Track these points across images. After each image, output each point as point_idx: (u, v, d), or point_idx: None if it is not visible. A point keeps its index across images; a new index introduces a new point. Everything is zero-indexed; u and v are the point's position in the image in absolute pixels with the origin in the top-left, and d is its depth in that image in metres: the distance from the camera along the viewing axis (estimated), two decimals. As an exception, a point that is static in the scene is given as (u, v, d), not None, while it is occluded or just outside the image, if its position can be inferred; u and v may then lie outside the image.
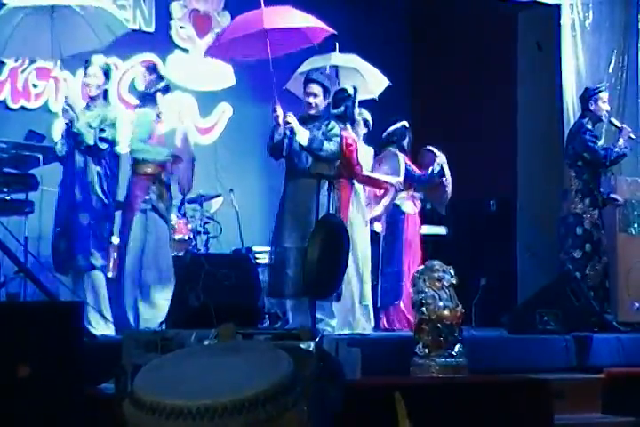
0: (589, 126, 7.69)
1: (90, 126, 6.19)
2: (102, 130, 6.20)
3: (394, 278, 7.45)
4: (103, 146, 6.21)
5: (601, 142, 7.91)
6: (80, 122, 6.20)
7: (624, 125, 7.78)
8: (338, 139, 6.32)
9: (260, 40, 6.51)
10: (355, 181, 6.71)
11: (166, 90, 6.71)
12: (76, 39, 6.33)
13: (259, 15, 6.55)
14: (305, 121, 6.39)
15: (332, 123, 6.38)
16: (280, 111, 6.28)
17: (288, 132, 6.31)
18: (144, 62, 7.65)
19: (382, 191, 7.32)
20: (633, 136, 7.73)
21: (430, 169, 7.70)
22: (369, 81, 7.66)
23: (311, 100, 6.39)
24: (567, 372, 6.19)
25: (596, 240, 7.60)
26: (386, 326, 7.40)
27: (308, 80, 6.47)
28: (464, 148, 9.50)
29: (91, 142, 6.18)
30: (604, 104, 7.69)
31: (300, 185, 6.31)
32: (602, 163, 7.60)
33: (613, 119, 7.81)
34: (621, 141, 7.61)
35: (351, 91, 6.79)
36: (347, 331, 6.39)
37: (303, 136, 6.27)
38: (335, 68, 7.66)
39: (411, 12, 10.39)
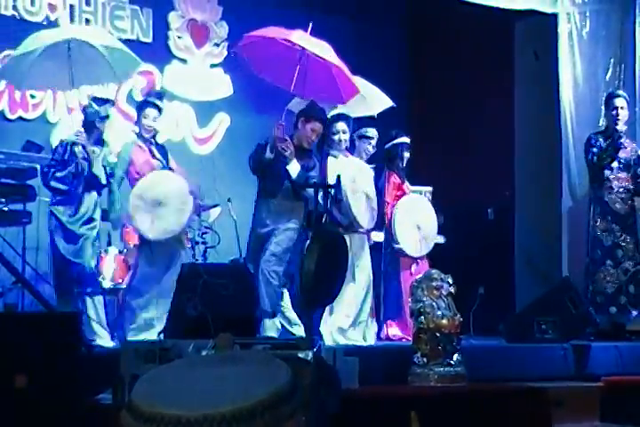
0: (596, 137, 7.70)
1: (102, 166, 6.38)
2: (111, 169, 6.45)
3: (397, 290, 7.44)
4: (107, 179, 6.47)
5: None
6: (95, 165, 6.33)
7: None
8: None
9: (290, 67, 6.51)
10: None
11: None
12: (93, 72, 6.46)
13: (299, 33, 6.58)
14: (296, 152, 6.45)
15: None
16: (283, 136, 6.34)
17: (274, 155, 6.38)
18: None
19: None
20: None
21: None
22: (370, 100, 7.67)
23: (313, 137, 6.49)
24: (565, 380, 6.18)
25: (610, 245, 7.57)
26: (390, 337, 7.36)
27: (314, 118, 6.50)
28: (462, 156, 9.52)
29: (104, 182, 6.40)
30: (614, 110, 7.67)
31: (275, 206, 6.44)
32: (591, 167, 7.65)
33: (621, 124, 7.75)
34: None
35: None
36: (348, 341, 6.41)
37: (293, 169, 6.38)
38: None
39: (408, 21, 10.41)
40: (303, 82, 6.59)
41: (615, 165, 7.63)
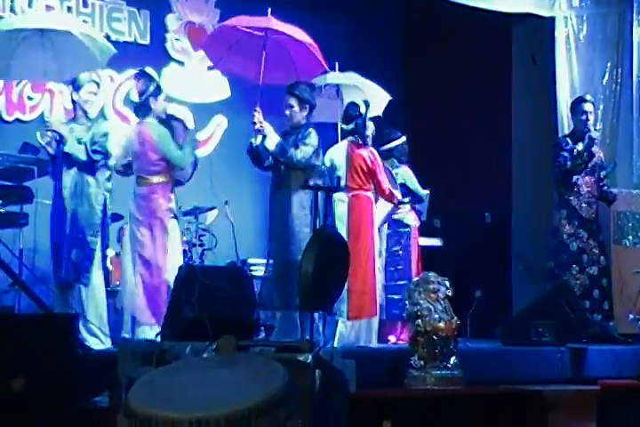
0: (566, 140, 7.70)
1: (79, 142, 6.16)
2: (94, 143, 6.16)
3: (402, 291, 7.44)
4: (97, 157, 6.18)
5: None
6: (69, 141, 6.17)
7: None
8: (309, 147, 6.25)
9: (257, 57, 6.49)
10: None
11: (157, 92, 6.54)
12: (75, 60, 6.34)
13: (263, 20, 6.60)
14: (286, 134, 6.40)
15: (310, 130, 6.32)
16: (258, 118, 6.27)
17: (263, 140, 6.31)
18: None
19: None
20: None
21: None
22: (371, 98, 7.66)
23: (287, 112, 6.37)
24: (562, 384, 6.18)
25: (576, 250, 7.57)
26: (395, 339, 7.33)
27: (286, 92, 6.44)
28: (459, 160, 9.52)
29: (83, 158, 6.15)
30: (583, 114, 7.66)
31: (278, 197, 6.31)
32: (562, 171, 7.62)
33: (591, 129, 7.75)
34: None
35: (362, 107, 6.79)
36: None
37: (272, 141, 6.27)
38: (337, 86, 7.64)
39: (404, 25, 10.42)
40: (272, 67, 6.55)
41: None
